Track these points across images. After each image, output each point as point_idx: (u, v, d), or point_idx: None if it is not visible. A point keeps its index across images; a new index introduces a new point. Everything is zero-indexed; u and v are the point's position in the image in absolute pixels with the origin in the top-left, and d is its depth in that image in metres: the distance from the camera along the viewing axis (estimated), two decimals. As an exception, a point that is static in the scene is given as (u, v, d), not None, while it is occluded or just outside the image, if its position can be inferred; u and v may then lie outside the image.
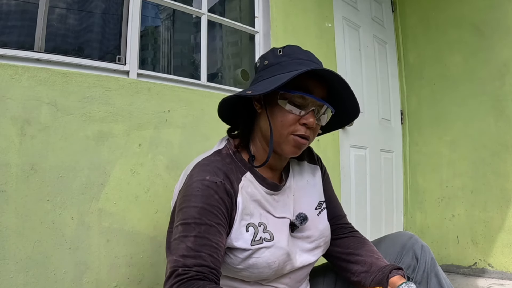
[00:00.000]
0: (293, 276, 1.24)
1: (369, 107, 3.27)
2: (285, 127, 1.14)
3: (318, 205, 1.34)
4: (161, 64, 2.42)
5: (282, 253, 1.15)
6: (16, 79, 1.41)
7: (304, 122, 1.13)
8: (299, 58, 1.18)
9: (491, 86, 3.07)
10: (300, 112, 1.14)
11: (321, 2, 2.83)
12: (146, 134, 1.73)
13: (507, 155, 2.95)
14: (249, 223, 1.14)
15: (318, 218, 1.31)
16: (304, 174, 1.37)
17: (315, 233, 1.28)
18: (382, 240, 1.40)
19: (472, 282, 2.87)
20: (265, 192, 1.21)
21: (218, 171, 1.12)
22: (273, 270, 1.14)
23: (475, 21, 3.19)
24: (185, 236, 1.03)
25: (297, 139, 1.15)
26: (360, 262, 1.26)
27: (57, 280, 1.44)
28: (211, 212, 1.05)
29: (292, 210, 1.25)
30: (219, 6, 2.75)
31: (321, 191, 1.40)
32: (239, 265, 1.12)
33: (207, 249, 1.02)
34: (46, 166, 1.45)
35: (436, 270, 1.25)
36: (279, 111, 1.15)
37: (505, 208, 2.94)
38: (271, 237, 1.15)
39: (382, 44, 3.57)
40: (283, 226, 1.21)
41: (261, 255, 1.12)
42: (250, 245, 1.11)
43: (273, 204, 1.22)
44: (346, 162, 2.93)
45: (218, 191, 1.08)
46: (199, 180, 1.09)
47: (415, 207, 3.54)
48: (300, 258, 1.23)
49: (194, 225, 1.04)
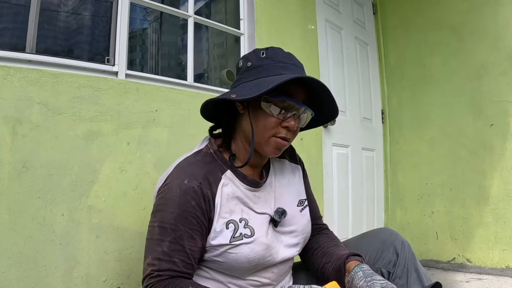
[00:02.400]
0: (276, 270, 1.27)
1: (351, 107, 3.31)
2: (267, 129, 1.18)
3: (300, 202, 1.39)
4: (149, 65, 2.44)
5: (262, 249, 1.19)
6: (8, 79, 1.43)
7: (286, 125, 1.18)
8: (282, 61, 1.20)
9: (469, 87, 3.11)
10: (283, 116, 1.17)
11: (305, 5, 2.86)
12: (134, 133, 1.76)
13: (485, 154, 3.00)
14: (229, 220, 1.18)
15: (300, 214, 1.36)
16: (285, 172, 1.42)
17: (298, 228, 1.33)
18: (364, 236, 1.43)
19: (451, 276, 2.91)
20: (246, 189, 1.24)
21: (196, 174, 1.16)
22: (252, 265, 1.18)
23: (454, 24, 3.23)
24: (161, 240, 1.11)
25: (279, 141, 1.19)
26: (325, 255, 1.32)
27: (48, 275, 1.46)
28: (186, 218, 1.11)
29: (273, 206, 1.29)
30: (205, 9, 2.77)
31: (302, 190, 1.44)
32: (219, 258, 1.17)
33: (180, 255, 1.10)
34: (37, 164, 1.47)
35: (416, 265, 1.28)
36: (262, 114, 1.18)
37: (483, 204, 2.99)
38: (252, 232, 1.19)
39: (364, 45, 3.61)
40: (264, 222, 1.25)
41: (240, 250, 1.16)
42: (229, 241, 1.16)
43: (254, 200, 1.26)
44: (328, 160, 2.97)
45: (194, 196, 1.13)
46: (178, 184, 1.14)
47: (396, 204, 3.58)
48: (283, 253, 1.27)
49: (170, 230, 1.11)
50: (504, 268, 2.84)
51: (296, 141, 2.62)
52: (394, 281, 1.26)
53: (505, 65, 2.93)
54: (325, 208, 2.83)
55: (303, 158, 2.62)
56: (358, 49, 3.52)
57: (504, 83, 2.93)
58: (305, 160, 2.64)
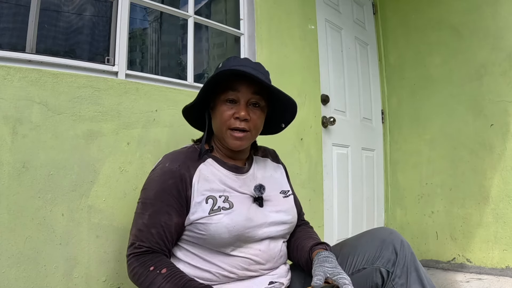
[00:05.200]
0: (263, 248, 1.34)
1: (351, 107, 3.32)
2: (223, 123, 1.36)
3: (283, 192, 1.52)
4: (149, 65, 2.44)
5: (242, 219, 1.29)
6: (8, 79, 1.43)
7: (237, 116, 1.34)
8: (232, 65, 1.35)
9: (469, 87, 3.11)
10: (233, 108, 1.35)
11: (305, 5, 2.86)
12: (134, 133, 1.76)
13: (485, 153, 3.00)
14: (208, 195, 1.31)
15: (284, 199, 1.49)
16: (268, 168, 1.56)
17: (283, 208, 1.44)
18: (363, 235, 1.44)
19: (451, 276, 2.91)
20: (228, 171, 1.40)
21: (177, 159, 1.35)
22: (233, 235, 1.27)
23: (454, 24, 3.24)
24: (143, 214, 1.29)
25: (233, 133, 1.35)
26: (299, 249, 1.44)
27: (48, 275, 1.46)
28: (164, 195, 1.28)
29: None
30: (205, 9, 2.77)
31: (286, 184, 1.57)
32: (201, 231, 1.28)
33: (156, 227, 1.26)
34: (37, 164, 1.47)
35: (416, 264, 1.28)
36: (218, 111, 1.37)
37: (483, 204, 2.99)
38: (231, 205, 1.31)
39: (364, 45, 3.62)
40: (246, 200, 1.37)
41: (219, 220, 1.27)
42: (208, 214, 1.27)
43: (237, 182, 1.40)
44: (328, 160, 2.97)
45: (172, 176, 1.30)
46: (160, 167, 1.34)
47: (396, 204, 3.59)
48: (268, 229, 1.36)
49: (149, 205, 1.29)
50: (504, 268, 2.84)
51: (296, 141, 2.64)
52: (394, 280, 1.27)
53: (505, 65, 2.93)
54: (325, 208, 2.84)
55: (303, 158, 2.64)
56: (358, 49, 3.52)
57: (504, 83, 2.93)
58: (305, 160, 2.66)
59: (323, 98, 2.93)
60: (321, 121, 2.87)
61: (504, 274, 2.82)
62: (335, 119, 2.92)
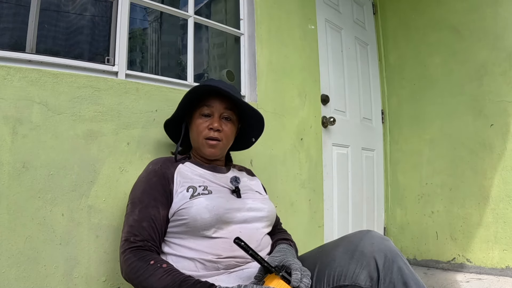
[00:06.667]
0: (244, 231, 1.41)
1: (351, 107, 3.32)
2: (199, 133, 1.56)
3: (258, 192, 1.65)
4: (149, 65, 2.44)
5: (221, 200, 1.41)
6: (8, 79, 1.43)
7: (211, 127, 1.54)
8: (207, 83, 1.54)
9: (469, 87, 3.11)
10: (207, 121, 1.56)
11: (305, 5, 2.86)
12: (134, 133, 1.76)
13: (485, 153, 3.00)
14: (189, 185, 1.43)
15: (261, 196, 1.62)
16: (244, 178, 1.69)
17: (259, 199, 1.56)
18: (340, 243, 1.38)
19: (451, 276, 2.91)
20: (205, 170, 1.56)
21: (158, 161, 1.53)
22: (214, 215, 1.35)
23: (454, 23, 3.23)
24: (132, 212, 1.37)
25: (208, 141, 1.55)
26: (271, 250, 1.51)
27: (48, 275, 1.46)
28: (150, 191, 1.40)
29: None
30: (205, 9, 2.77)
31: (262, 191, 1.71)
32: (183, 216, 1.36)
33: (147, 220, 1.34)
34: (37, 164, 1.47)
35: (405, 279, 1.19)
36: (194, 124, 1.58)
37: (483, 204, 2.99)
38: (210, 192, 1.43)
39: (364, 45, 3.62)
40: (224, 190, 1.51)
41: (199, 202, 1.37)
42: (189, 199, 1.38)
43: (215, 176, 1.56)
44: (328, 160, 2.97)
45: (156, 174, 1.45)
46: (144, 170, 1.52)
47: (396, 204, 3.59)
48: (247, 213, 1.45)
49: (138, 202, 1.39)
50: (504, 268, 2.84)
51: (296, 141, 2.63)
52: None
53: (505, 65, 2.93)
54: (325, 208, 2.84)
55: (303, 158, 2.64)
56: (358, 49, 3.52)
57: (504, 83, 2.93)
58: (305, 160, 2.66)
59: (323, 98, 2.93)
60: (321, 121, 2.87)
61: (504, 274, 2.82)
62: (335, 119, 2.92)
